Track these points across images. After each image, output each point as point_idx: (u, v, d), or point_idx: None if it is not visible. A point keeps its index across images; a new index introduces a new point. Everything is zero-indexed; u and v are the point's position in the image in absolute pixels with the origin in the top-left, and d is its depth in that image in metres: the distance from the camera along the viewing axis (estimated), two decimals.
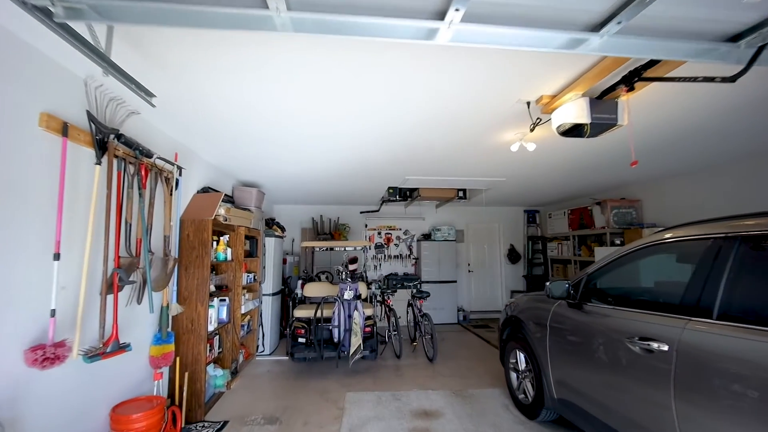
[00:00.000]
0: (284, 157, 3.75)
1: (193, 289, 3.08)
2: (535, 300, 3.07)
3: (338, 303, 3.98)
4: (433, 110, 2.53)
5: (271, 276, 4.96)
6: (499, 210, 7.81)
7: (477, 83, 2.13)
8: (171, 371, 2.94)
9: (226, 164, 4.05)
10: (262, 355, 4.78)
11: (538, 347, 2.79)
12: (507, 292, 7.67)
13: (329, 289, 4.73)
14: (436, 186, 5.37)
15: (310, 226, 7.16)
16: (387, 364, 4.47)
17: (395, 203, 6.87)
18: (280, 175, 4.64)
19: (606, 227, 5.25)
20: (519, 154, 3.57)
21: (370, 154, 3.67)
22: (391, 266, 7.40)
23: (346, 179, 4.90)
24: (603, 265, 2.42)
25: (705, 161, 3.97)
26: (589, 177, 4.66)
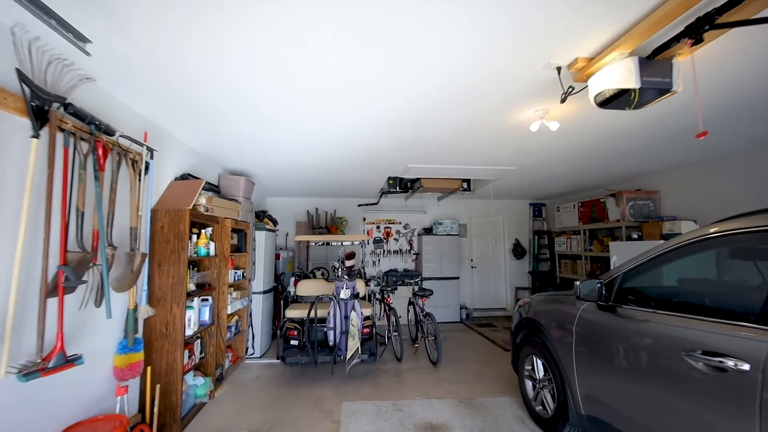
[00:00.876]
0: (276, 143, 3.36)
1: (168, 289, 2.71)
2: (555, 301, 2.72)
3: (334, 303, 3.62)
4: (443, 82, 2.15)
5: (261, 272, 4.59)
6: (503, 203, 7.45)
7: (498, 46, 1.75)
8: (142, 383, 2.57)
9: (209, 150, 3.66)
10: (251, 357, 4.43)
11: (561, 355, 2.44)
12: (512, 289, 7.35)
13: (324, 287, 4.37)
14: (439, 176, 5.00)
15: (305, 219, 6.78)
16: (387, 369, 4.12)
17: (395, 195, 6.50)
18: (271, 164, 4.25)
19: (621, 220, 4.90)
20: (535, 139, 3.20)
21: (370, 138, 3.29)
22: (391, 262, 7.05)
23: (344, 169, 4.52)
24: (643, 262, 2.06)
25: (738, 146, 3.62)
26: (607, 165, 4.29)
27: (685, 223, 4.08)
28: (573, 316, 2.37)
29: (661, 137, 3.25)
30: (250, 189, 4.47)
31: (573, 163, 4.21)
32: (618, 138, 3.25)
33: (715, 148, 3.65)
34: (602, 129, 2.97)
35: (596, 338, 2.15)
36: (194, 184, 3.05)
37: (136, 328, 2.41)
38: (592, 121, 2.74)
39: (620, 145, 3.48)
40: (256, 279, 4.56)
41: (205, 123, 2.90)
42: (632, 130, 3.02)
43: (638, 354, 1.86)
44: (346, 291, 3.55)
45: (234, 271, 4.04)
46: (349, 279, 3.62)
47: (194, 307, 3.01)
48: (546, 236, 7.27)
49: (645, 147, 3.54)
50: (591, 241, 5.59)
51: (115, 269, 2.17)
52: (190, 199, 2.88)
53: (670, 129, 3.06)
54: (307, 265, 5.79)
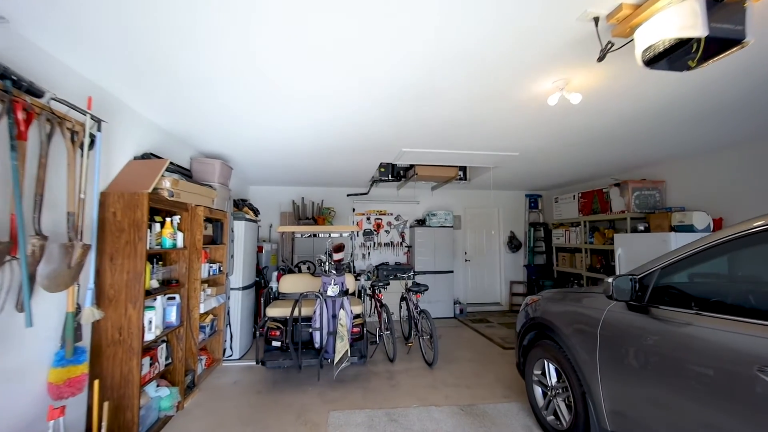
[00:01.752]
0: (256, 123, 2.94)
1: (122, 287, 2.29)
2: (571, 299, 2.40)
3: (320, 300, 3.24)
4: (451, 48, 1.78)
5: (240, 266, 4.17)
6: (499, 194, 7.16)
7: None
8: (89, 400, 2.16)
9: (180, 128, 3.20)
10: (230, 360, 4.03)
11: (581, 361, 2.13)
12: (506, 283, 7.10)
13: (310, 283, 3.99)
14: (436, 162, 4.63)
15: (291, 209, 6.35)
16: (378, 371, 3.79)
17: (387, 184, 6.12)
18: (253, 147, 3.81)
19: (626, 211, 4.64)
20: (546, 117, 2.86)
21: (364, 117, 2.90)
22: (381, 255, 6.70)
23: (334, 153, 4.11)
24: (685, 256, 1.74)
25: (752, 132, 3.35)
26: (615, 152, 4.00)
27: (697, 213, 3.83)
28: (596, 318, 2.06)
29: (680, 120, 2.94)
30: (227, 174, 4.02)
31: (579, 149, 3.90)
32: (633, 120, 2.94)
33: (726, 135, 3.38)
34: (624, 106, 2.63)
35: (629, 344, 1.84)
36: (156, 164, 2.61)
37: (79, 335, 1.99)
38: (618, 93, 2.39)
39: (634, 129, 3.17)
40: (235, 273, 4.14)
41: (175, 95, 2.46)
42: (654, 110, 2.71)
43: (687, 365, 1.55)
44: (334, 288, 3.18)
45: (208, 265, 3.62)
46: (337, 274, 3.25)
47: (156, 307, 2.59)
48: (542, 228, 7.03)
49: (659, 132, 3.24)
50: (592, 233, 5.34)
51: (46, 264, 1.74)
52: (149, 181, 2.45)
53: (690, 112, 2.75)
54: (292, 259, 5.39)
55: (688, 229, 3.86)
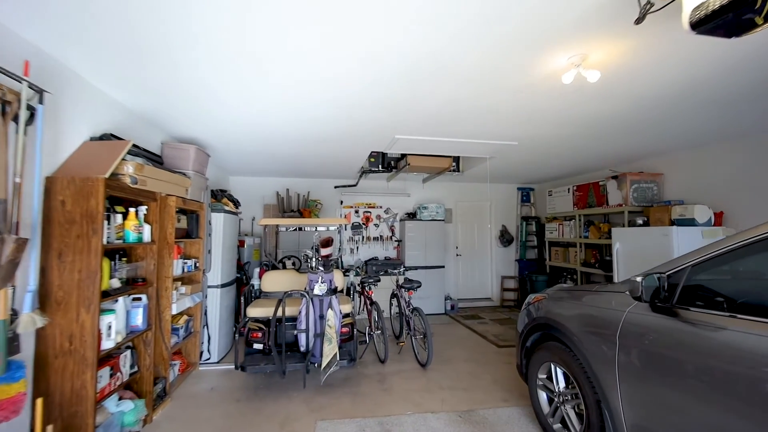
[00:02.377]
0: (239, 107, 2.61)
1: (73, 288, 1.96)
2: (583, 298, 2.20)
3: (306, 300, 2.97)
4: (458, 14, 1.52)
5: (219, 262, 3.84)
6: (491, 187, 6.98)
7: None
8: (33, 422, 1.84)
9: (148, 107, 2.84)
10: (207, 363, 3.71)
11: (597, 368, 1.93)
12: (498, 278, 6.96)
13: (295, 280, 3.70)
14: (429, 152, 4.38)
15: (275, 202, 6.01)
16: (369, 373, 3.55)
17: (377, 176, 5.85)
18: (234, 134, 3.47)
19: (624, 204, 4.51)
20: (553, 100, 2.64)
21: (355, 100, 2.62)
22: (370, 250, 6.44)
23: (323, 140, 3.81)
24: (725, 251, 1.55)
25: (756, 124, 3.23)
26: (621, 142, 3.82)
27: (699, 207, 3.71)
28: (615, 320, 1.85)
29: (695, 106, 2.76)
30: (204, 161, 3.67)
31: (581, 140, 3.71)
32: (649, 106, 2.74)
33: (731, 126, 3.24)
34: (642, 88, 2.41)
35: (654, 351, 1.64)
36: (115, 146, 2.27)
37: (15, 347, 1.66)
38: (639, 72, 2.16)
39: (646, 116, 2.98)
40: (213, 270, 3.81)
41: (141, 68, 2.13)
42: (672, 94, 2.51)
43: (731, 379, 1.35)
44: (322, 286, 2.91)
45: (182, 261, 3.29)
46: (325, 271, 2.97)
47: (118, 309, 2.27)
48: (534, 222, 6.90)
49: (672, 119, 3.06)
50: (587, 227, 5.21)
51: None
52: (107, 164, 2.11)
53: (706, 97, 2.57)
54: (276, 254, 5.08)
55: (689, 222, 3.74)
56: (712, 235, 3.70)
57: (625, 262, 4.17)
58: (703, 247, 1.63)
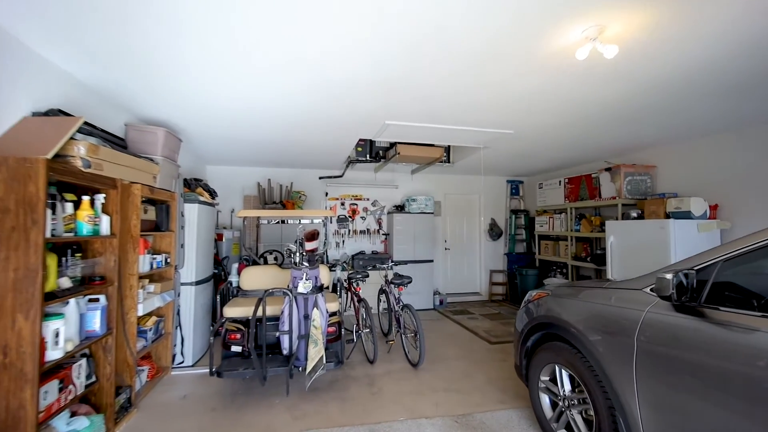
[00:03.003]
0: (218, 86, 2.30)
1: (7, 290, 1.65)
2: (592, 296, 2.04)
3: (289, 298, 2.71)
4: None
5: (194, 257, 3.53)
6: (479, 179, 6.83)
7: None
8: None
9: (109, 83, 2.49)
10: (181, 367, 3.41)
11: (611, 372, 1.76)
12: (486, 272, 6.85)
13: (278, 277, 3.43)
14: (421, 139, 4.14)
15: (256, 193, 5.67)
16: (357, 375, 3.33)
17: (364, 167, 5.59)
18: (211, 118, 3.14)
19: (618, 197, 4.42)
20: (558, 83, 2.45)
21: (346, 80, 2.37)
22: (357, 243, 6.20)
23: (307, 129, 3.54)
24: (759, 246, 1.38)
25: (746, 116, 3.15)
26: (620, 131, 3.68)
27: (695, 199, 3.64)
28: (633, 320, 1.69)
29: (703, 93, 2.63)
30: (175, 147, 3.33)
31: (578, 128, 3.55)
32: (654, 91, 2.59)
33: (728, 116, 3.15)
34: (660, 68, 2.22)
35: (680, 355, 1.47)
36: (62, 122, 1.94)
37: None
38: (660, 48, 1.96)
39: (650, 102, 2.83)
40: (187, 266, 3.49)
41: (99, 34, 1.79)
42: (685, 77, 2.35)
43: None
44: (306, 283, 2.65)
45: (151, 256, 2.97)
46: (310, 267, 2.72)
47: (68, 313, 1.96)
48: (523, 215, 6.80)
49: (678, 106, 2.92)
50: (578, 220, 5.12)
51: None
52: (50, 144, 1.79)
53: (716, 83, 2.44)
54: (257, 248, 4.78)
55: (685, 215, 3.67)
56: (708, 228, 3.63)
57: (620, 255, 4.08)
58: (736, 240, 1.47)
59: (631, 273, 4.03)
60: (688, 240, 3.61)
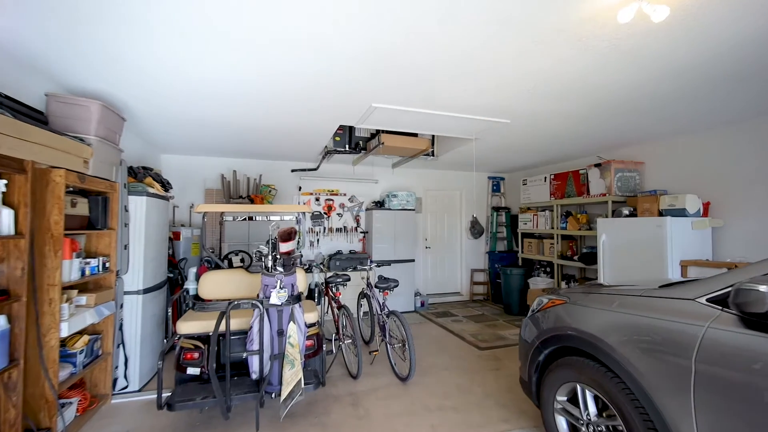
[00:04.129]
0: (178, 62, 1.78)
1: None
2: (627, 305, 1.74)
3: (260, 312, 2.23)
4: None
5: (141, 260, 2.95)
6: (461, 175, 6.58)
7: None
8: None
9: (22, 38, 1.89)
10: (124, 394, 2.83)
11: (657, 396, 1.47)
12: (467, 271, 6.61)
13: (245, 283, 2.93)
14: (410, 127, 3.75)
15: (219, 186, 5.06)
16: (339, 393, 2.91)
17: (342, 158, 5.13)
18: (167, 98, 2.58)
19: (608, 194, 4.28)
20: (578, 61, 2.15)
21: (331, 56, 1.92)
22: (333, 242, 5.73)
23: (281, 113, 3.05)
24: None
25: (731, 113, 3.05)
26: (617, 123, 3.49)
27: (690, 196, 3.52)
28: (689, 337, 1.40)
29: (717, 81, 2.44)
30: (116, 126, 2.74)
31: (578, 118, 3.30)
32: (667, 77, 2.35)
33: (723, 111, 3.04)
34: (699, 45, 1.97)
35: (759, 384, 1.19)
36: None
37: None
38: (710, 17, 1.68)
39: (668, 89, 2.59)
40: (132, 271, 2.91)
41: None
42: (718, 60, 2.12)
43: None
44: (281, 292, 2.19)
45: (81, 260, 2.38)
46: (285, 272, 2.26)
47: None
48: (504, 213, 6.63)
49: (695, 94, 2.73)
50: (565, 218, 4.96)
51: None
52: None
53: (720, 73, 2.24)
54: (221, 249, 4.21)
55: (679, 213, 3.54)
56: (702, 226, 3.54)
57: (612, 255, 3.93)
58: None
59: (625, 273, 3.92)
60: (683, 238, 3.49)
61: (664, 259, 3.41)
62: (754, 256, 3.29)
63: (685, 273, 3.42)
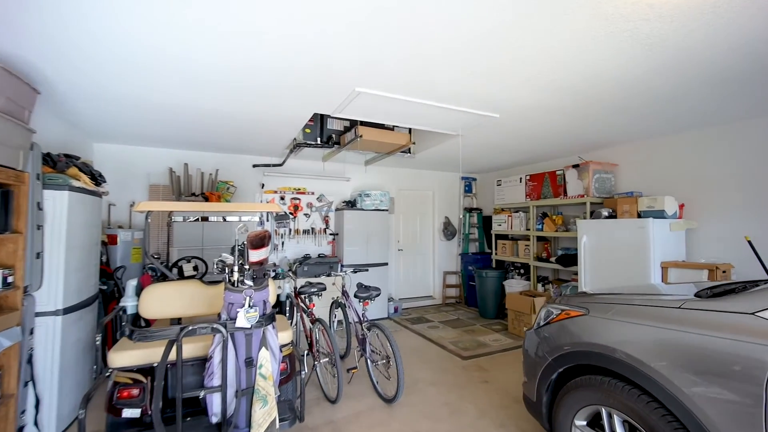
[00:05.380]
0: (113, 20, 1.29)
1: None
2: (665, 317, 1.53)
3: (222, 338, 1.76)
4: None
5: (61, 271, 2.33)
6: (433, 175, 6.38)
7: None
8: None
9: None
10: None
11: (716, 428, 1.26)
12: (440, 274, 6.42)
13: (199, 299, 2.41)
14: (393, 118, 3.39)
15: (167, 181, 4.39)
16: (316, 423, 2.49)
17: (311, 153, 4.67)
18: (92, 64, 2.00)
19: (586, 195, 4.25)
20: (598, 39, 1.94)
21: (314, 26, 1.53)
22: (300, 246, 5.24)
23: (248, 94, 2.56)
24: None
25: (707, 117, 3.12)
26: (605, 122, 3.42)
27: (668, 198, 3.54)
28: (755, 359, 1.20)
29: (708, 82, 2.38)
30: (23, 98, 2.12)
31: (567, 115, 3.17)
32: (674, 71, 2.25)
33: (683, 117, 3.08)
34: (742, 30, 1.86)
35: None
36: None
37: None
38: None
39: (677, 84, 2.50)
40: (48, 285, 2.28)
41: None
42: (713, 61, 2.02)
43: None
44: (251, 312, 1.74)
45: None
46: (256, 286, 1.81)
47: None
48: (477, 214, 6.52)
49: (681, 95, 2.67)
50: (542, 219, 4.91)
51: None
52: None
53: (717, 74, 2.18)
54: (168, 255, 3.59)
55: (658, 214, 3.55)
56: (679, 227, 3.57)
57: (593, 257, 3.87)
58: None
59: (606, 275, 3.89)
60: (665, 240, 3.50)
61: (647, 260, 3.39)
62: (725, 257, 3.37)
63: (666, 274, 3.43)
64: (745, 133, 3.31)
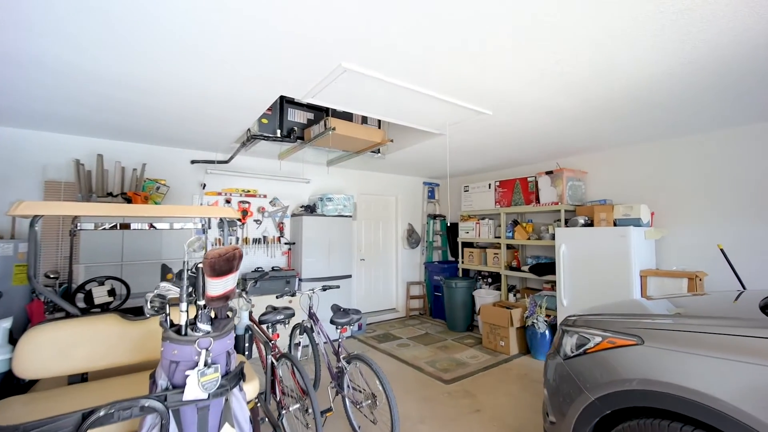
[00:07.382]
0: None
1: None
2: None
3: (157, 420, 1.12)
4: None
5: None
6: (396, 179, 6.00)
7: None
8: None
9: None
10: None
11: None
12: (403, 285, 6.02)
13: (117, 343, 1.68)
14: (376, 108, 2.87)
15: (72, 176, 3.40)
16: None
17: (263, 150, 4.00)
18: None
19: (560, 203, 4.16)
20: (597, 47, 1.67)
21: None
22: (249, 257, 4.48)
23: (187, 63, 1.89)
24: None
25: (675, 127, 3.19)
26: (590, 128, 3.30)
27: (643, 206, 3.55)
28: None
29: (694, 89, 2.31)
30: None
31: (561, 116, 2.99)
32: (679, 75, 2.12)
33: (650, 126, 3.11)
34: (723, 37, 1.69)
35: None
36: None
37: None
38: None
39: (686, 84, 2.39)
40: None
41: None
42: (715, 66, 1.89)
43: None
44: (209, 375, 1.13)
45: None
46: (216, 332, 1.20)
47: None
48: (440, 221, 6.28)
49: (665, 103, 2.59)
50: (513, 227, 4.76)
51: None
52: None
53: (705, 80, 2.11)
54: (71, 275, 2.68)
55: (634, 222, 3.54)
56: (654, 235, 3.59)
57: (573, 266, 3.75)
58: None
59: (585, 284, 3.76)
60: (642, 248, 3.49)
61: (629, 269, 3.32)
62: (696, 265, 3.44)
63: (645, 284, 3.39)
64: (713, 142, 3.41)
